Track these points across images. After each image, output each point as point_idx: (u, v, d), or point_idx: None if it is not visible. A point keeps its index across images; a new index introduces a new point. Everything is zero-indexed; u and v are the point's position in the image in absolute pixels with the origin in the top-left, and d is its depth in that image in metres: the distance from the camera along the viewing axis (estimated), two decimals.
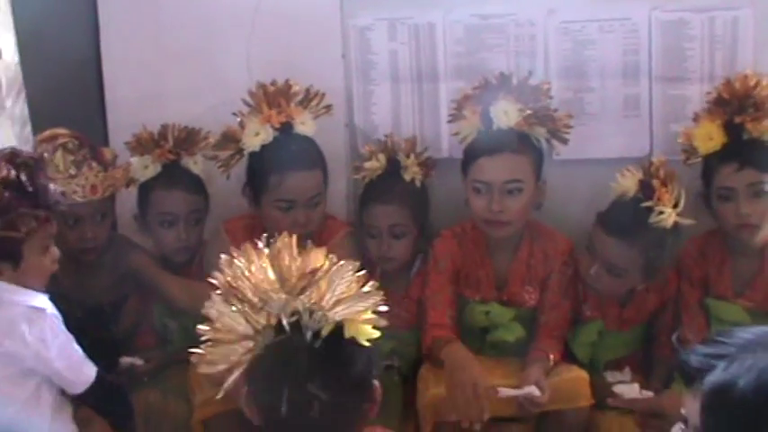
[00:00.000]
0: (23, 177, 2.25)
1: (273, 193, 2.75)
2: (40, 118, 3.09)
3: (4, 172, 2.24)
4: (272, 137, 2.79)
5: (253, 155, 2.82)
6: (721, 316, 2.75)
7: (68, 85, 3.22)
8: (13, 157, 2.29)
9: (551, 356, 2.70)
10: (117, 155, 2.95)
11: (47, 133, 2.85)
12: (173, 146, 2.95)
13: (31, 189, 2.27)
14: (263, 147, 2.79)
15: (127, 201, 3.04)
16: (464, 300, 2.84)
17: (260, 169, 2.79)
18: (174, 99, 3.17)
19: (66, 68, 3.25)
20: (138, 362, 2.88)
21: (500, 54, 3.02)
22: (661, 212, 2.65)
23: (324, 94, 2.87)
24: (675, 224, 2.68)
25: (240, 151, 2.82)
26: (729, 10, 2.90)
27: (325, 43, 3.10)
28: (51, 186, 2.34)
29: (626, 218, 2.68)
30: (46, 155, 2.73)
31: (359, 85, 3.14)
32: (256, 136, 2.79)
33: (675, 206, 2.67)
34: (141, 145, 2.95)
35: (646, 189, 2.69)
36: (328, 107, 2.89)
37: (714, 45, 2.93)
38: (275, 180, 2.74)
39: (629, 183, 2.72)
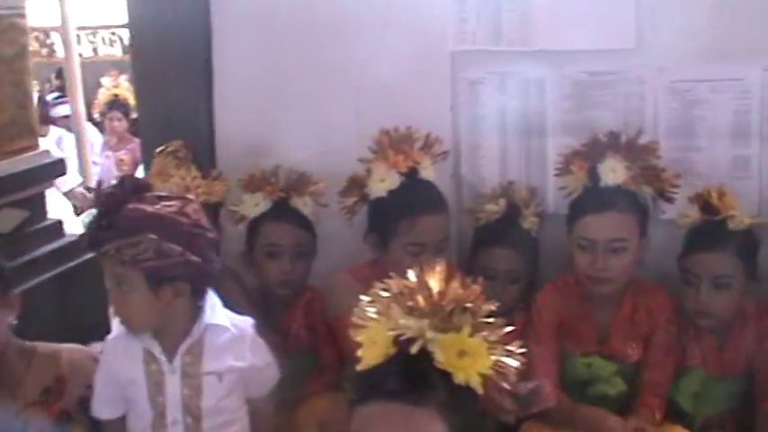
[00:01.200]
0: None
1: (404, 236, 2.74)
2: (151, 158, 3.22)
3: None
4: (398, 182, 2.82)
5: (378, 201, 2.83)
6: None
7: (180, 126, 3.35)
8: None
9: (656, 414, 2.69)
10: (221, 174, 3.11)
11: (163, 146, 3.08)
12: (283, 186, 3.02)
13: None
14: (390, 192, 2.81)
15: (234, 241, 3.11)
16: (565, 352, 2.84)
17: (389, 214, 2.79)
18: (282, 144, 3.27)
19: (179, 110, 3.40)
20: None
21: (608, 111, 3.03)
22: (733, 216, 2.72)
23: (441, 141, 2.91)
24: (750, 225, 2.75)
25: (365, 197, 2.86)
26: None
27: (435, 95, 3.16)
28: None
29: (708, 233, 2.74)
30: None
31: (467, 137, 3.18)
32: (382, 182, 2.81)
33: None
34: (253, 183, 3.02)
35: (708, 209, 2.75)
36: (445, 153, 2.93)
37: None
38: (406, 224, 2.74)
39: (691, 214, 2.79)
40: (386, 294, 1.71)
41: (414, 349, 1.62)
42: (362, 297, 2.73)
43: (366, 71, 3.19)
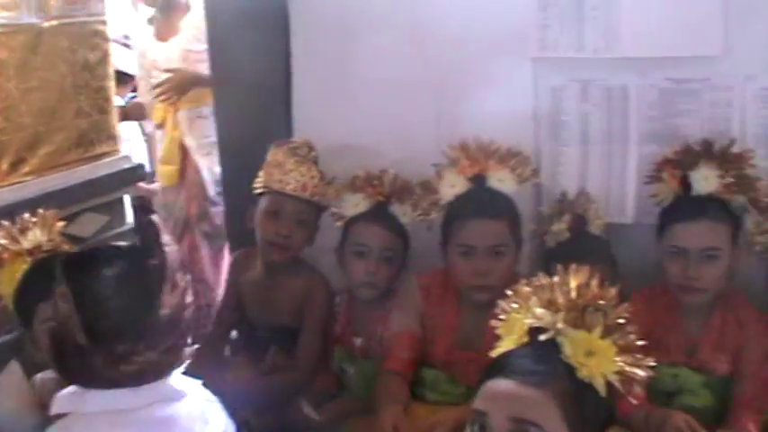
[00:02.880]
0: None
1: (455, 237, 2.79)
2: (231, 172, 3.24)
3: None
4: (466, 188, 2.84)
5: (447, 206, 2.87)
6: None
7: (258, 133, 3.37)
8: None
9: (750, 428, 2.62)
10: (334, 179, 3.13)
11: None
12: (387, 191, 3.05)
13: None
14: (456, 197, 2.85)
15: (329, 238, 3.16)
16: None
17: (448, 217, 2.84)
18: (361, 150, 3.26)
19: (257, 115, 3.43)
20: (314, 415, 2.94)
21: (694, 119, 2.97)
22: None
23: (529, 157, 2.90)
24: None
25: (437, 202, 2.88)
26: None
27: (516, 102, 3.11)
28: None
29: None
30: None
31: (547, 145, 3.14)
32: (452, 188, 2.85)
33: None
34: (356, 184, 3.07)
35: None
36: (534, 171, 2.93)
37: None
38: (458, 225, 2.78)
39: None
40: (527, 289, 1.79)
41: (542, 337, 1.70)
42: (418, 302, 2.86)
43: (447, 78, 3.17)
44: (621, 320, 1.75)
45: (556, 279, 1.77)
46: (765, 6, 2.87)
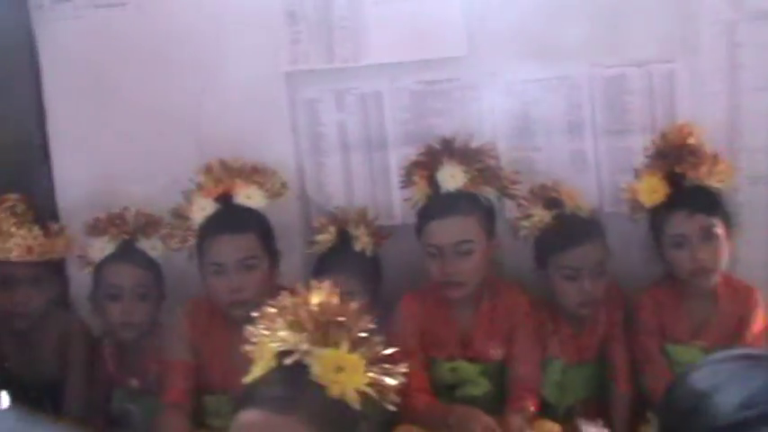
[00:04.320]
0: None
1: (205, 257, 2.77)
2: None
3: None
4: (215, 209, 2.83)
5: (198, 229, 2.85)
6: (679, 359, 2.78)
7: (16, 169, 3.26)
8: None
9: (530, 407, 2.73)
10: (64, 229, 3.01)
11: None
12: (131, 228, 2.98)
13: None
14: (205, 218, 2.83)
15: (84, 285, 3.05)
16: (430, 358, 2.85)
17: (199, 239, 2.82)
18: (125, 181, 3.21)
19: (13, 153, 3.28)
20: None
21: (447, 119, 3.07)
22: (580, 207, 2.86)
23: (276, 172, 2.91)
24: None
25: (191, 228, 2.85)
26: (665, 63, 2.97)
27: (274, 117, 3.15)
28: None
29: (573, 227, 2.81)
30: None
31: (309, 157, 3.17)
32: (202, 211, 2.83)
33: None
34: (98, 226, 2.97)
35: (552, 203, 2.84)
36: (283, 184, 2.92)
37: (654, 98, 2.99)
38: (207, 245, 2.77)
39: (537, 213, 2.84)
40: (273, 311, 1.73)
41: (288, 361, 1.65)
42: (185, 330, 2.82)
43: (203, 102, 3.16)
44: (366, 333, 1.71)
45: (299, 297, 1.74)
46: (501, 7, 2.98)
